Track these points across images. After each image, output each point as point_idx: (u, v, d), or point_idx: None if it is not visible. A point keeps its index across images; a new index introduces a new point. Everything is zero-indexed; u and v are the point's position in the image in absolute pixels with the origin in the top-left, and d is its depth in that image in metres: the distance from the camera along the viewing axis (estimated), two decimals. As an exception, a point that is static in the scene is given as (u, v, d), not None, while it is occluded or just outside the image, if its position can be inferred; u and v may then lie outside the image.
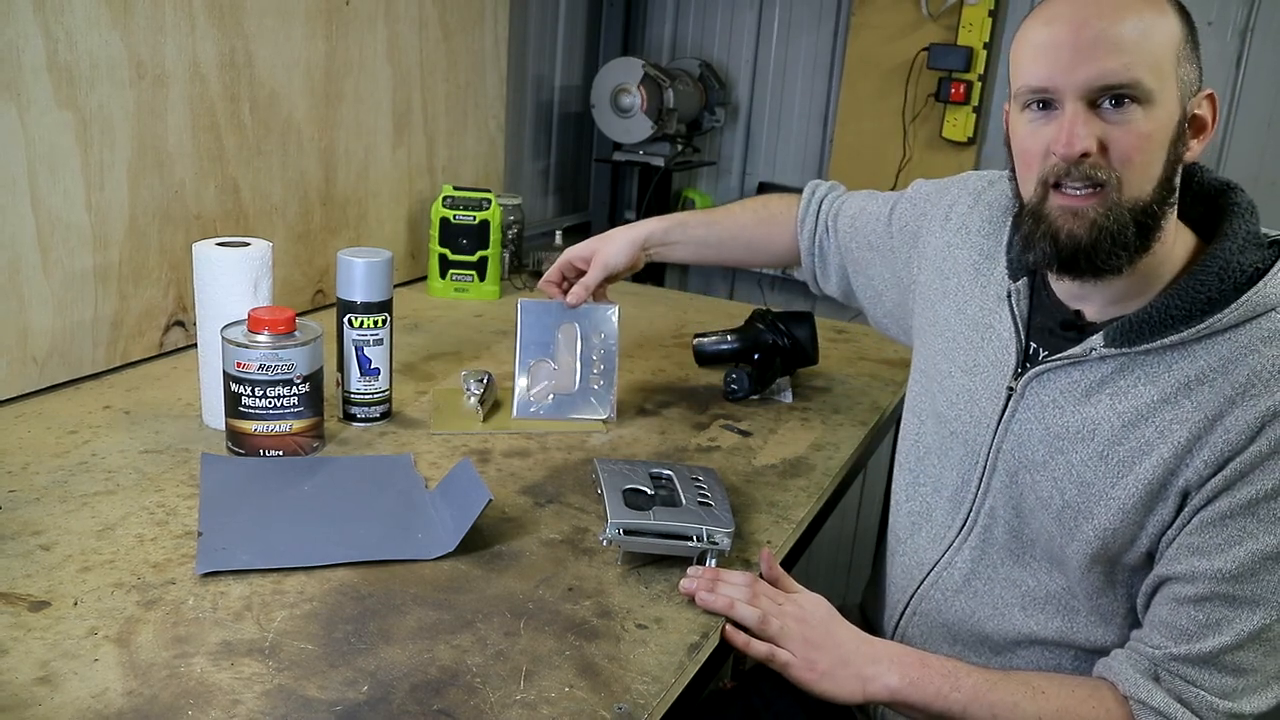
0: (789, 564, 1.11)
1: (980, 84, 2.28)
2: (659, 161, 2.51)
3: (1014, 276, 1.03)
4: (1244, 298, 0.87)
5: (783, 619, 0.98)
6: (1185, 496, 0.89)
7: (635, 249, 1.35)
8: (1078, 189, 0.88)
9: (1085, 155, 0.87)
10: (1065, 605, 0.99)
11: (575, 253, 1.34)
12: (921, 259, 1.18)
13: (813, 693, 0.97)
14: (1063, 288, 0.99)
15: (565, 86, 2.56)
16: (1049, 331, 1.00)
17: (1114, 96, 0.86)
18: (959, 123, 2.32)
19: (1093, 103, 0.87)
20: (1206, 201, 0.96)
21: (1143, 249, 0.89)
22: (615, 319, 1.35)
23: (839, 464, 1.29)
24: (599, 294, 1.36)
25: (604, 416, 1.34)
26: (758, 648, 0.97)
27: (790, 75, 2.57)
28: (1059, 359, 0.96)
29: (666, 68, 2.52)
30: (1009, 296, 1.03)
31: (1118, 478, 0.92)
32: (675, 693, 0.84)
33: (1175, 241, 0.93)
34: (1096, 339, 0.93)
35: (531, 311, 1.34)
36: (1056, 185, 0.90)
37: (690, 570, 0.99)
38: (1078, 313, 0.98)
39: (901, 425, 1.19)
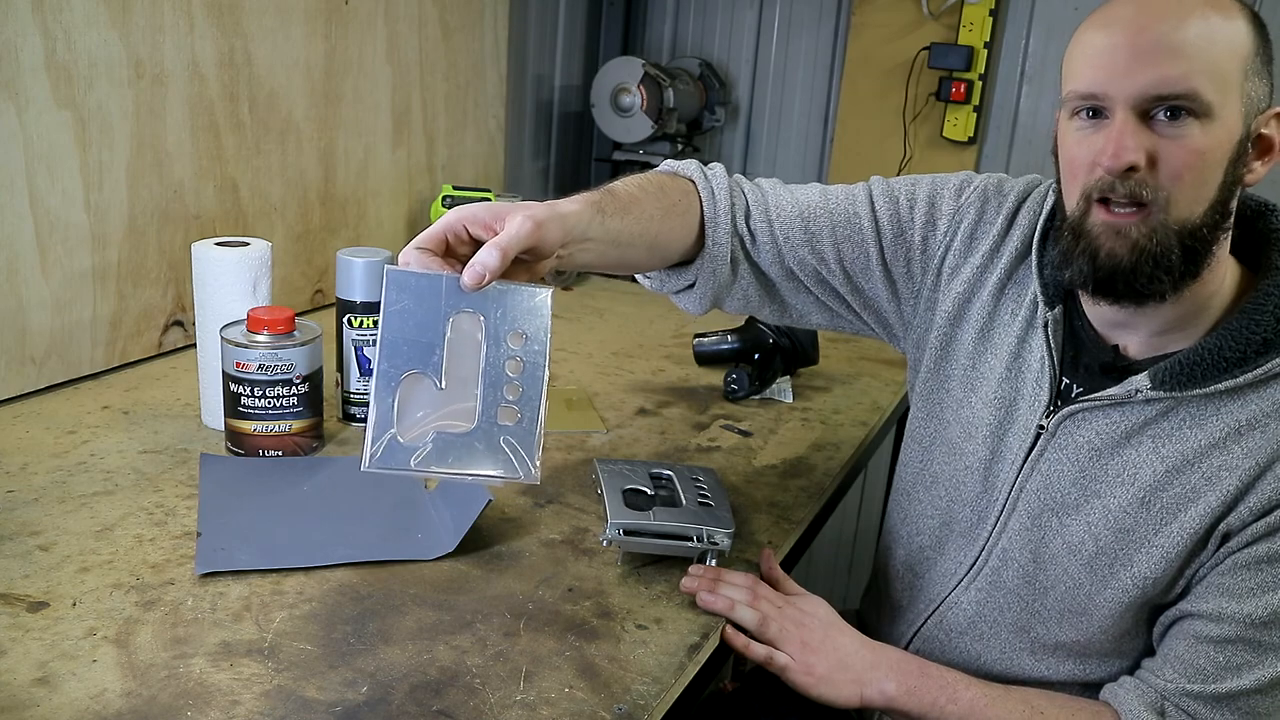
0: (789, 564, 1.11)
1: (981, 83, 2.28)
2: (659, 161, 2.49)
3: (1049, 304, 0.95)
4: None
5: (782, 622, 0.98)
6: (1225, 538, 0.86)
7: (561, 235, 0.83)
8: (1123, 205, 0.83)
9: (1133, 169, 0.81)
10: (1077, 652, 0.97)
11: (470, 213, 0.80)
12: (933, 277, 1.05)
13: (810, 696, 0.97)
14: (1100, 315, 0.93)
15: (565, 86, 2.56)
16: (1085, 369, 0.94)
17: (1169, 108, 0.80)
18: (959, 122, 2.32)
19: (1145, 113, 0.81)
20: (1242, 224, 0.90)
21: (1190, 275, 0.84)
22: (548, 310, 0.80)
23: (839, 464, 1.29)
24: (516, 274, 0.82)
25: (520, 477, 0.80)
26: (756, 650, 0.96)
27: (790, 74, 2.57)
28: (1098, 398, 0.90)
29: (666, 67, 2.52)
30: (1045, 326, 0.95)
31: (1161, 525, 0.88)
32: (675, 694, 0.84)
33: (1228, 270, 0.88)
34: (1142, 379, 0.88)
35: (406, 288, 0.78)
36: (1101, 200, 0.84)
37: (692, 569, 0.98)
38: (1116, 349, 0.93)
39: (903, 451, 1.13)
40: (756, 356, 1.48)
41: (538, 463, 0.80)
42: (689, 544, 0.99)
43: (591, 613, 0.92)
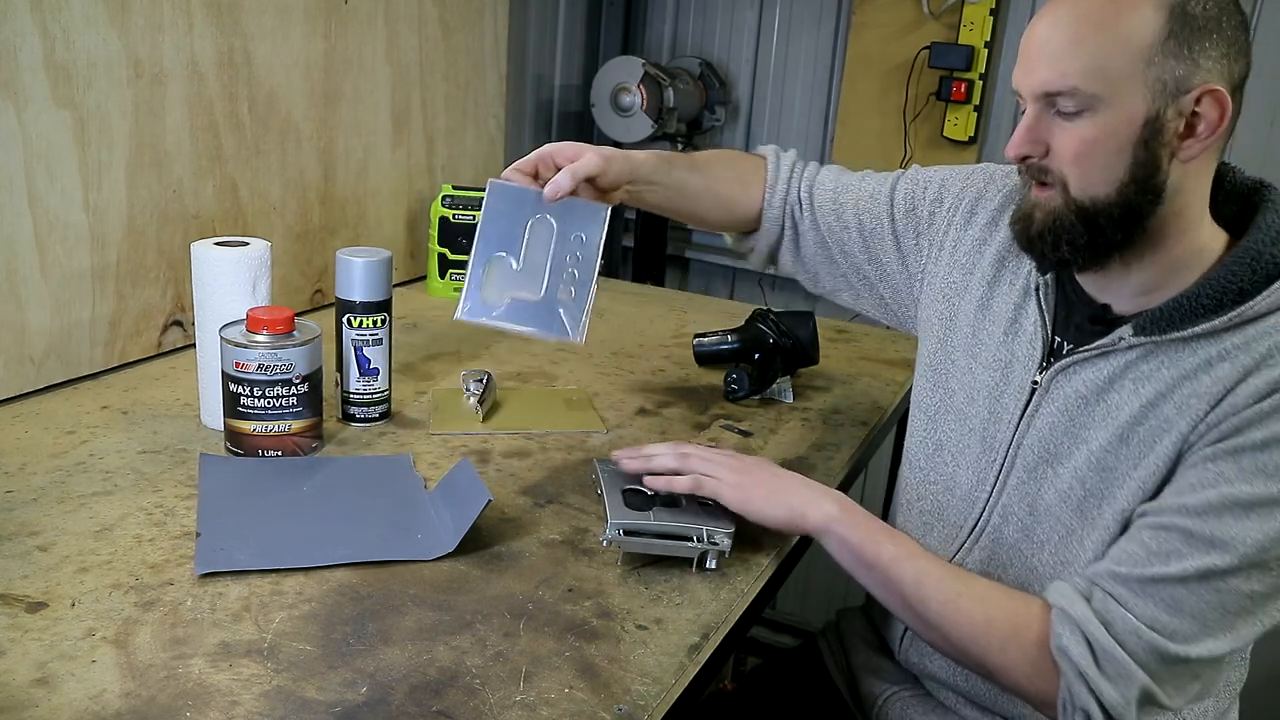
0: (789, 564, 1.10)
1: (981, 83, 2.28)
2: (659, 161, 2.50)
3: (1042, 271, 1.03)
4: (1274, 286, 0.87)
5: (711, 458, 1.03)
6: (1184, 453, 0.89)
7: (628, 173, 1.15)
8: (1034, 182, 0.94)
9: (1025, 158, 0.92)
10: None
11: (558, 148, 1.12)
12: (936, 249, 1.16)
13: (745, 515, 1.00)
14: (1088, 280, 0.99)
15: (565, 86, 2.56)
16: (1075, 326, 1.00)
17: (1060, 102, 0.89)
18: (960, 121, 2.32)
19: (1050, 104, 0.90)
20: (1240, 200, 0.97)
21: (1125, 243, 0.91)
22: (605, 222, 1.11)
23: (840, 464, 1.29)
24: (583, 192, 1.13)
25: (571, 338, 1.11)
26: (680, 481, 1.01)
27: (791, 74, 2.57)
28: (1087, 350, 0.96)
29: (666, 67, 2.52)
30: (1037, 290, 1.02)
31: (1140, 458, 0.91)
32: (675, 694, 0.84)
33: (1209, 238, 0.93)
34: (1125, 329, 0.93)
35: (501, 196, 1.10)
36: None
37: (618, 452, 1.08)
38: (1106, 306, 0.98)
39: (909, 423, 1.17)
40: (756, 356, 1.48)
41: (585, 330, 1.11)
42: (689, 544, 0.99)
43: (591, 613, 0.92)
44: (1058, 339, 1.01)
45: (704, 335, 1.54)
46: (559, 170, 1.09)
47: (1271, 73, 2.03)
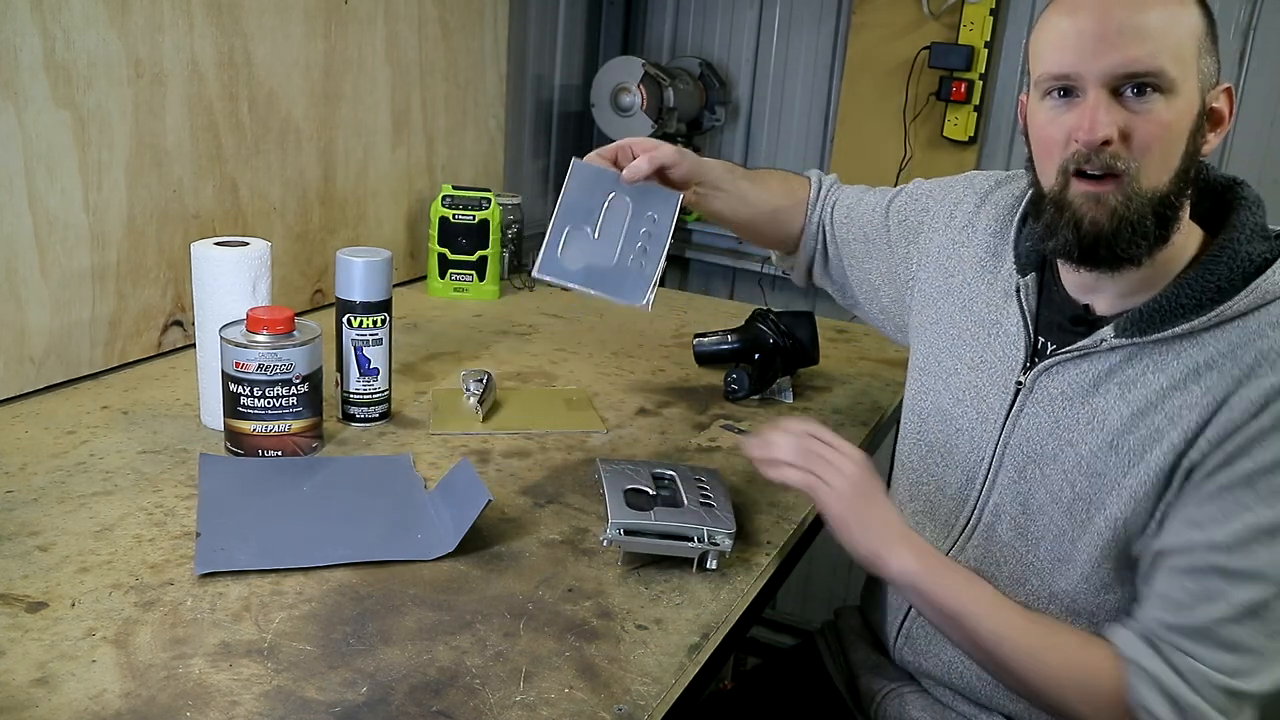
0: (789, 564, 1.11)
1: (981, 83, 2.28)
2: (659, 161, 2.50)
3: (1022, 271, 1.03)
4: (1253, 285, 0.88)
5: (835, 469, 1.01)
6: (1189, 474, 0.89)
7: (697, 172, 1.24)
8: (1098, 175, 0.89)
9: (1107, 143, 0.87)
10: (1070, 606, 0.98)
11: (636, 140, 1.23)
12: (923, 256, 1.18)
13: (833, 530, 1.01)
14: (1074, 280, 0.99)
15: (565, 86, 2.56)
16: (1058, 326, 1.00)
17: (1137, 85, 0.86)
18: (960, 122, 2.32)
19: (1115, 91, 0.87)
20: (1213, 197, 0.97)
21: (1162, 240, 0.90)
22: (677, 206, 1.21)
23: (840, 464, 1.29)
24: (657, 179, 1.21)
25: (640, 301, 1.20)
26: (792, 476, 1.01)
27: (791, 74, 2.57)
28: (1069, 351, 0.96)
29: (666, 67, 2.52)
30: (1018, 291, 1.02)
31: (1129, 467, 0.91)
32: (675, 694, 0.84)
33: (1188, 235, 0.94)
34: (1107, 330, 0.94)
35: (583, 174, 1.20)
36: (1079, 173, 0.90)
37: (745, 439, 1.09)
38: (1087, 307, 0.98)
39: (901, 424, 1.18)
40: (756, 356, 1.48)
41: (651, 296, 1.19)
42: (689, 544, 0.99)
43: (591, 613, 0.92)
44: (1040, 339, 1.01)
45: (704, 335, 1.54)
46: (637, 158, 1.18)
47: (1271, 73, 2.03)
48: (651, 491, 1.06)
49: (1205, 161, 0.96)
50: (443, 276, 1.90)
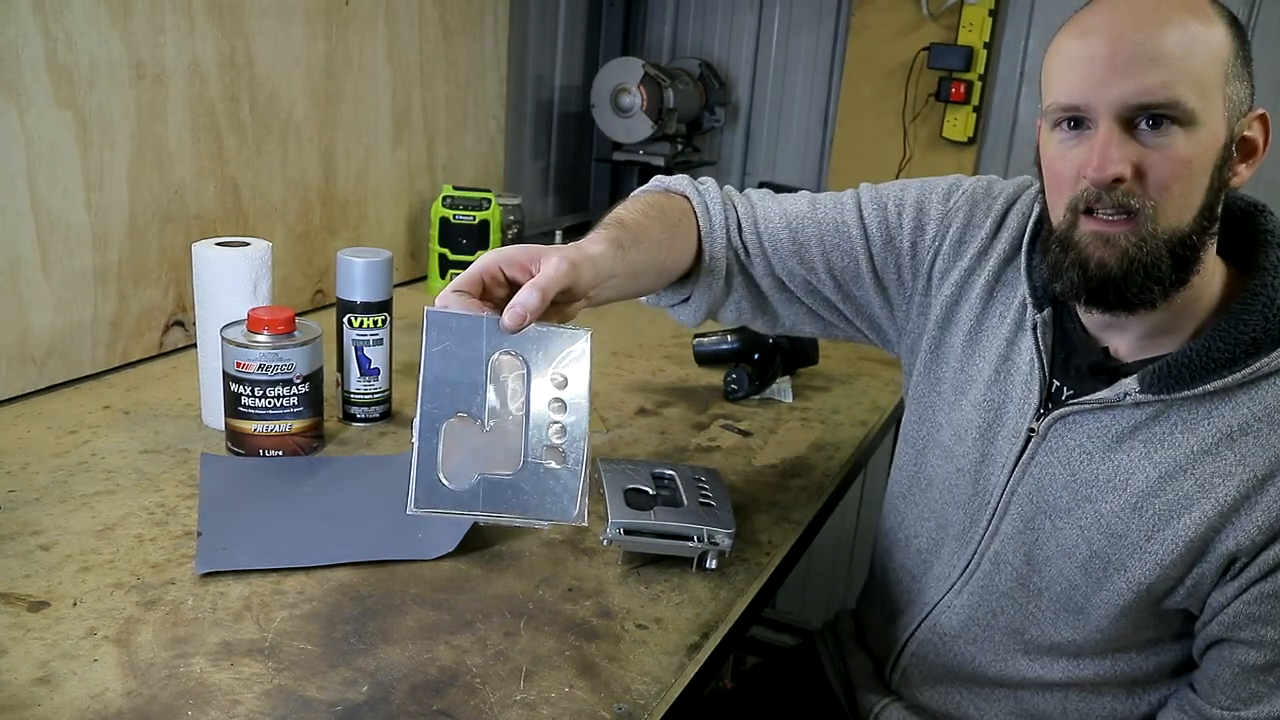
0: (789, 564, 1.11)
1: (981, 84, 2.28)
2: (659, 161, 2.50)
3: (1038, 306, 0.94)
4: None
5: None
6: (1234, 560, 0.85)
7: (592, 275, 0.84)
8: (1109, 214, 0.81)
9: (1118, 181, 0.79)
10: (1072, 652, 0.96)
11: (505, 256, 0.81)
12: (922, 282, 1.05)
13: None
14: (1092, 319, 0.92)
15: (565, 86, 2.56)
16: (1075, 370, 0.93)
17: (1152, 117, 0.78)
18: (959, 122, 2.32)
19: (1129, 123, 0.79)
20: (1233, 225, 0.89)
21: (1179, 283, 0.83)
22: (589, 351, 0.80)
23: (839, 464, 1.29)
24: (548, 316, 0.80)
25: (569, 519, 0.78)
26: None
27: (790, 75, 2.57)
28: (1088, 402, 0.90)
29: (666, 68, 2.52)
30: (1034, 329, 0.94)
31: (1153, 531, 0.87)
32: (675, 693, 0.84)
33: (1212, 270, 0.87)
34: (1130, 383, 0.87)
35: (448, 329, 0.77)
36: (1088, 211, 0.83)
37: None
38: (1106, 350, 0.92)
39: (896, 454, 1.12)
40: (756, 356, 1.48)
41: (584, 504, 0.78)
42: (689, 544, 0.99)
43: (591, 612, 0.92)
44: (1055, 383, 0.94)
45: (704, 335, 1.54)
46: (513, 286, 0.79)
47: (1272, 73, 2.03)
48: (651, 491, 1.06)
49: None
50: (443, 277, 1.90)
